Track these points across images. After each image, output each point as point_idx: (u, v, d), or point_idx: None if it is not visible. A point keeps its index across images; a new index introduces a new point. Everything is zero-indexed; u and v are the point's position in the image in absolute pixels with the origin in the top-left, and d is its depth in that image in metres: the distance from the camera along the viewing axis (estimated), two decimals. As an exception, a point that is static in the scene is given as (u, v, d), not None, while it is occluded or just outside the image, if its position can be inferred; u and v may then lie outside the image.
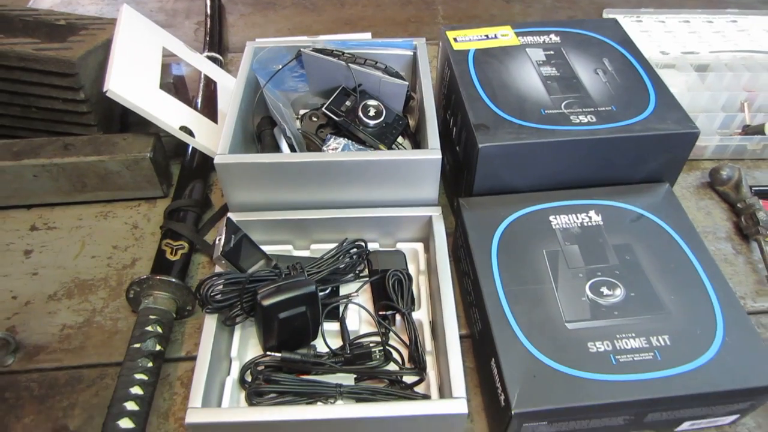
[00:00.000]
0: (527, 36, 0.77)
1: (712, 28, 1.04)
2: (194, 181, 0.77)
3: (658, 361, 0.53)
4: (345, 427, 0.53)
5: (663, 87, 0.69)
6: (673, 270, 0.60)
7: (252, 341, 0.63)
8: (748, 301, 0.70)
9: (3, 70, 0.68)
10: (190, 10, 1.18)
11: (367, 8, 1.19)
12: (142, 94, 0.71)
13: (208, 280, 0.56)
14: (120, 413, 0.53)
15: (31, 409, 0.60)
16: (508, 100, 0.67)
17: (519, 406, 0.50)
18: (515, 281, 0.59)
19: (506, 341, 0.54)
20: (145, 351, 0.58)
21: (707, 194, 0.82)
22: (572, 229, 0.63)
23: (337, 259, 0.63)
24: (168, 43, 0.83)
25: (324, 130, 0.72)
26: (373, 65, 0.71)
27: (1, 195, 0.75)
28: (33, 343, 0.65)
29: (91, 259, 0.73)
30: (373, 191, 0.66)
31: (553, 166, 0.66)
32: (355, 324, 0.63)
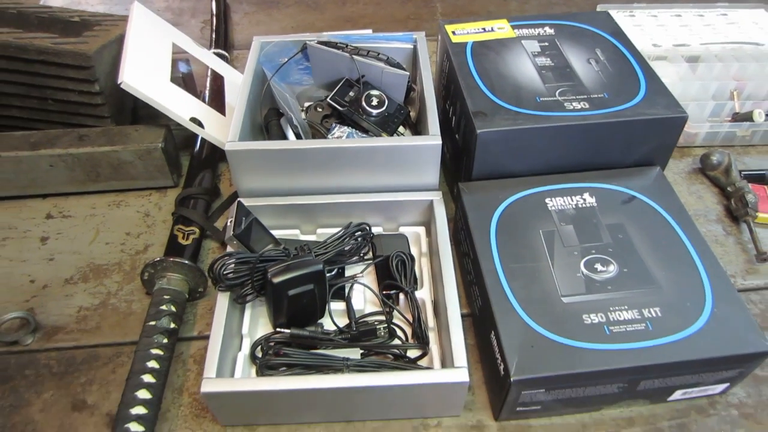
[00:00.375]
0: (523, 29, 0.80)
1: (703, 21, 1.07)
2: (204, 171, 0.80)
3: (650, 331, 0.55)
4: (352, 396, 0.55)
5: (653, 75, 0.72)
6: (663, 247, 0.63)
7: (262, 320, 0.65)
8: (738, 279, 0.73)
9: (22, 63, 0.72)
10: (196, 9, 1.22)
11: (368, 6, 1.22)
12: (154, 87, 0.74)
13: (220, 259, 0.59)
14: (138, 385, 0.56)
15: (50, 385, 0.63)
16: (505, 89, 0.70)
17: (518, 374, 0.53)
18: (513, 259, 0.62)
19: (505, 314, 0.57)
20: (160, 328, 0.61)
21: (698, 179, 0.85)
22: (567, 211, 0.66)
23: (343, 241, 0.66)
24: (177, 39, 0.86)
25: (328, 120, 0.75)
26: (375, 56, 0.74)
27: (18, 184, 0.78)
28: (51, 324, 0.68)
29: (105, 245, 0.76)
30: (377, 177, 0.69)
31: (548, 151, 0.68)
32: (360, 303, 0.66)
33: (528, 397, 0.55)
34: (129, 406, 0.54)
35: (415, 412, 0.59)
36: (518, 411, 0.58)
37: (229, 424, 0.59)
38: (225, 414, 0.57)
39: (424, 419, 0.60)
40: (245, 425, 0.59)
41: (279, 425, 0.59)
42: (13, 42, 0.69)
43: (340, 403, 0.56)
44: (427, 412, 0.59)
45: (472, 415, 0.60)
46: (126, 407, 0.54)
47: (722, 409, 0.61)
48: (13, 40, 0.70)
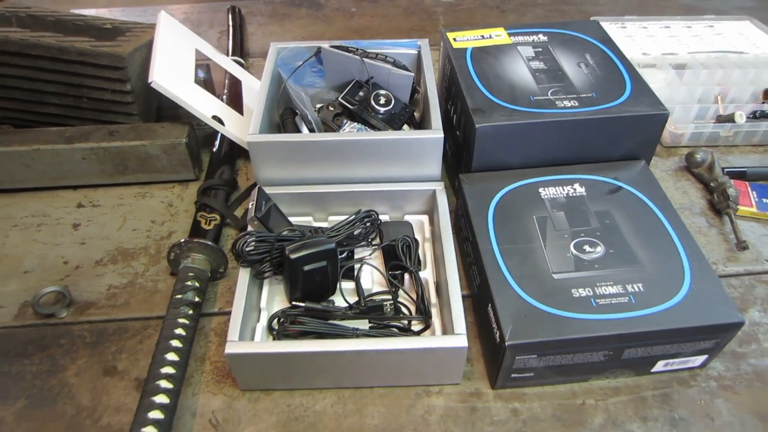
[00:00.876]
0: (518, 36, 0.87)
1: (691, 32, 1.14)
2: (223, 165, 0.87)
3: (633, 304, 0.61)
4: (360, 361, 0.61)
5: (638, 77, 0.79)
6: (647, 231, 0.68)
7: (278, 297, 0.71)
8: (720, 266, 0.78)
9: (63, 63, 0.78)
10: (213, 20, 1.30)
11: (375, 18, 1.30)
12: (180, 87, 0.80)
13: (242, 237, 0.65)
14: (167, 349, 0.62)
15: (84, 353, 0.68)
16: (502, 89, 0.77)
17: (512, 339, 0.58)
18: (509, 241, 0.67)
19: (501, 288, 0.63)
20: (186, 300, 0.67)
21: (684, 176, 0.91)
22: (559, 199, 0.72)
23: (353, 226, 0.72)
24: (200, 45, 0.93)
25: (339, 118, 0.81)
26: (383, 59, 0.80)
27: (52, 176, 0.84)
28: (84, 300, 0.74)
29: (132, 231, 0.82)
30: (384, 168, 0.75)
31: (541, 145, 0.75)
32: (368, 283, 0.72)
33: (522, 362, 0.61)
34: (159, 366, 0.60)
35: (418, 380, 0.64)
36: (513, 378, 0.63)
37: (247, 389, 0.64)
38: (245, 377, 0.63)
39: (426, 387, 0.65)
40: (262, 390, 0.64)
41: (293, 390, 0.64)
42: (55, 44, 0.76)
43: (350, 368, 0.62)
44: (430, 380, 0.65)
45: (470, 384, 0.65)
46: (157, 367, 0.60)
47: (702, 381, 0.66)
48: (56, 42, 0.77)
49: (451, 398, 0.64)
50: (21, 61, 0.79)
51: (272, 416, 0.62)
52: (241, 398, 0.64)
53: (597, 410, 0.63)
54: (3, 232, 0.82)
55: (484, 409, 0.63)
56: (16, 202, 0.86)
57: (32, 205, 0.86)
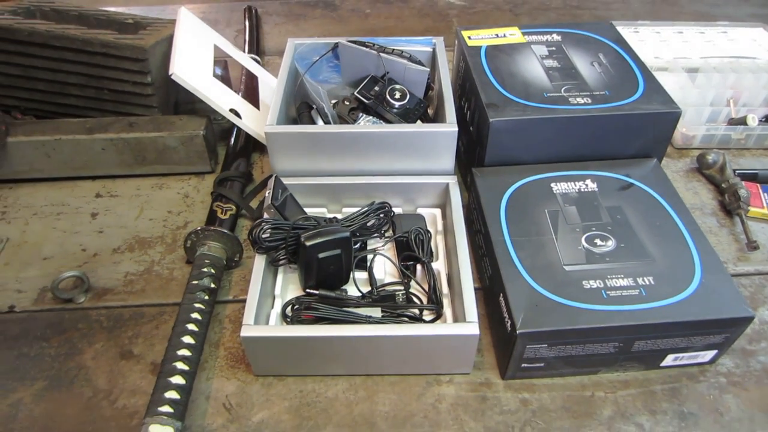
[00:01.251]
0: (532, 35, 0.88)
1: (704, 38, 1.14)
2: (239, 158, 0.88)
3: (643, 296, 0.62)
4: (373, 347, 0.62)
5: (651, 77, 0.80)
6: (658, 227, 0.69)
7: (292, 286, 0.72)
8: (730, 265, 0.78)
9: (86, 55, 0.80)
10: (230, 19, 1.32)
11: (389, 19, 1.31)
12: (199, 80, 0.82)
13: (258, 224, 0.66)
14: (183, 332, 0.63)
15: (101, 337, 0.70)
16: (515, 86, 0.78)
17: (523, 327, 0.59)
18: (521, 233, 0.68)
19: (512, 278, 0.63)
20: (202, 286, 0.68)
21: (695, 177, 0.91)
22: (571, 194, 0.73)
23: (367, 216, 0.73)
24: (218, 41, 0.95)
25: (355, 112, 0.82)
26: (399, 54, 0.82)
27: (73, 166, 0.86)
28: (101, 286, 0.75)
29: (149, 221, 0.84)
30: (398, 161, 0.76)
31: (553, 141, 0.76)
32: (381, 273, 0.73)
33: (532, 352, 0.61)
34: (176, 349, 0.61)
35: (429, 368, 0.65)
36: (523, 368, 0.64)
37: (261, 374, 0.65)
38: (258, 361, 0.64)
39: (437, 375, 0.66)
40: (275, 375, 0.65)
41: (306, 377, 0.65)
42: (80, 36, 0.78)
43: (362, 355, 0.63)
44: (440, 369, 0.65)
45: (481, 374, 0.66)
46: (173, 349, 0.61)
47: (711, 376, 0.66)
48: (80, 34, 0.78)
49: (462, 387, 0.65)
50: (45, 52, 0.81)
51: (285, 401, 0.63)
52: (255, 383, 0.65)
53: (606, 402, 0.64)
54: (24, 219, 0.84)
55: (493, 399, 0.64)
56: (36, 191, 0.88)
57: (52, 194, 0.88)
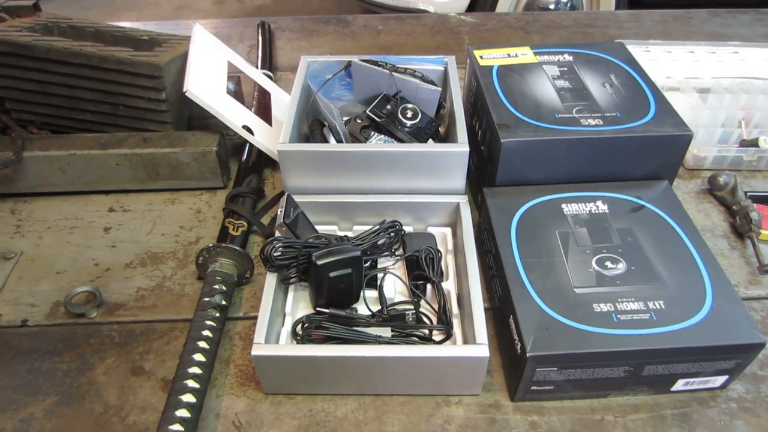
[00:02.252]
0: (544, 55, 0.89)
1: (715, 58, 1.14)
2: (251, 174, 0.89)
3: (654, 321, 0.61)
4: (382, 367, 0.62)
5: (662, 99, 0.80)
6: (669, 250, 0.69)
7: (302, 303, 0.72)
8: (741, 289, 0.78)
9: (102, 72, 0.81)
10: (243, 35, 1.33)
11: (401, 36, 1.32)
12: (213, 96, 0.83)
13: (270, 243, 0.67)
14: (194, 349, 0.63)
15: (112, 352, 0.70)
16: (527, 106, 0.78)
17: (533, 350, 0.59)
18: (531, 254, 0.68)
19: (523, 300, 0.64)
20: (213, 303, 0.68)
21: (706, 198, 0.91)
22: (581, 216, 0.73)
23: (378, 235, 0.74)
24: (231, 57, 0.96)
25: (366, 130, 0.83)
26: (411, 74, 0.83)
27: (86, 180, 0.87)
28: (113, 301, 0.76)
29: (161, 236, 0.84)
30: (409, 180, 0.76)
31: (564, 162, 0.76)
32: (391, 292, 0.73)
33: (542, 375, 0.61)
34: (187, 366, 0.61)
35: (438, 389, 0.65)
36: (533, 391, 0.64)
37: (271, 392, 0.66)
38: (268, 380, 0.64)
39: (446, 396, 0.66)
40: (285, 394, 0.66)
41: (315, 396, 0.65)
42: (96, 53, 0.80)
43: (371, 375, 0.63)
44: (449, 389, 0.65)
45: (490, 395, 0.66)
46: (184, 366, 0.61)
47: (722, 402, 0.66)
48: (97, 51, 0.80)
49: (471, 409, 0.65)
50: (62, 68, 0.82)
51: (294, 420, 0.63)
52: (264, 401, 0.65)
53: (616, 426, 0.63)
54: (37, 233, 0.85)
55: (502, 421, 0.64)
56: (50, 204, 0.89)
57: (66, 208, 0.89)
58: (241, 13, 3.32)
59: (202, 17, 3.30)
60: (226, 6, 3.41)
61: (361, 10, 2.76)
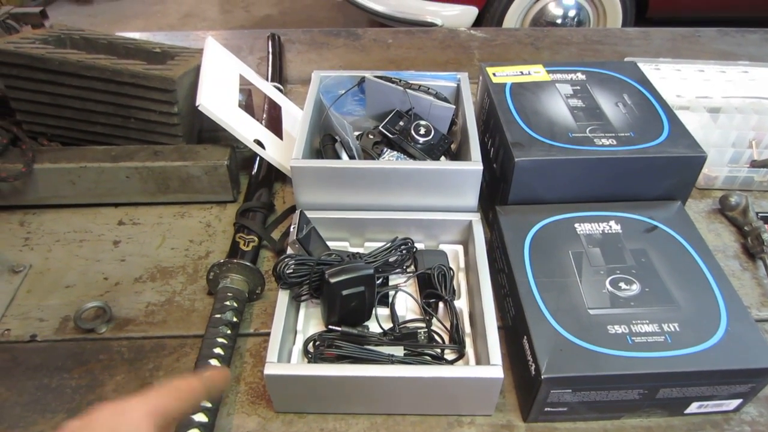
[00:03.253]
0: (557, 74, 0.89)
1: (725, 77, 1.15)
2: (261, 188, 0.89)
3: (669, 343, 0.61)
4: (395, 387, 0.61)
5: (676, 119, 0.80)
6: (683, 271, 0.69)
7: (314, 321, 0.72)
8: (754, 310, 0.78)
9: (115, 85, 0.81)
10: (253, 47, 1.34)
11: (411, 50, 1.33)
12: (225, 110, 0.83)
13: (283, 260, 0.66)
14: (205, 368, 0.63)
15: (122, 369, 0.70)
16: (540, 125, 0.78)
17: (548, 372, 0.58)
18: (544, 274, 0.68)
19: (537, 321, 0.63)
20: (224, 320, 0.68)
21: (717, 219, 0.91)
22: (595, 235, 0.73)
23: (390, 252, 0.73)
24: (243, 71, 0.96)
25: (379, 146, 0.83)
26: (425, 91, 0.83)
27: (96, 193, 0.87)
28: (123, 317, 0.75)
29: (171, 250, 0.84)
30: (422, 197, 0.76)
31: (578, 181, 0.76)
32: (402, 310, 0.73)
33: (556, 396, 0.61)
34: (198, 384, 0.61)
35: (451, 409, 0.65)
36: (546, 412, 0.63)
37: (282, 411, 0.65)
38: (280, 399, 0.63)
39: (458, 417, 0.65)
40: (296, 413, 0.65)
41: (327, 414, 0.65)
42: (110, 66, 0.80)
43: (384, 394, 0.62)
44: (462, 410, 0.65)
45: (502, 416, 0.65)
46: (196, 385, 0.61)
47: (736, 425, 0.65)
48: (111, 65, 0.80)
49: (483, 429, 0.64)
50: (75, 81, 0.82)
51: (305, 439, 0.63)
52: (275, 420, 0.64)
53: (630, 449, 0.63)
54: (46, 246, 0.84)
55: (515, 443, 0.63)
56: (60, 217, 0.89)
57: (75, 220, 0.88)
58: (248, 22, 3.33)
59: (208, 26, 3.31)
60: (233, 15, 3.43)
61: (369, 22, 2.77)
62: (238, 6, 3.53)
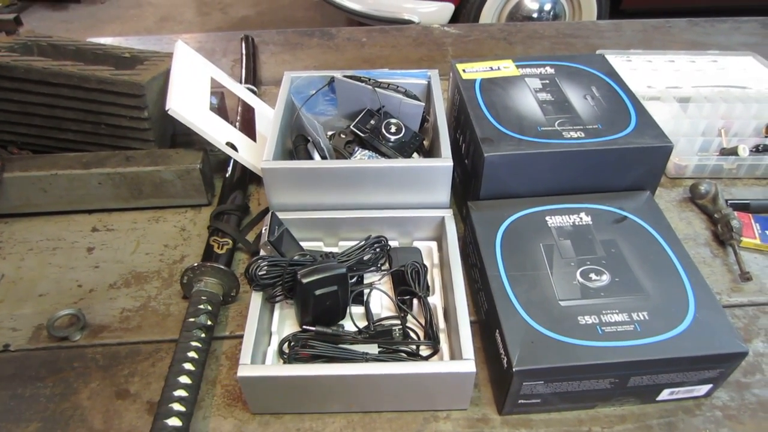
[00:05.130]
0: (526, 68, 0.89)
1: (695, 67, 1.16)
2: (235, 191, 0.89)
3: (638, 332, 0.62)
4: (370, 384, 0.62)
5: (643, 110, 0.81)
6: (652, 261, 0.70)
7: (289, 321, 0.72)
8: (724, 296, 0.79)
9: (82, 91, 0.81)
10: (227, 49, 1.33)
11: (385, 48, 1.33)
12: (196, 114, 0.83)
13: (255, 261, 0.66)
14: (180, 372, 0.63)
15: (96, 376, 0.69)
16: (510, 119, 0.79)
17: (520, 365, 0.59)
18: (516, 268, 0.69)
19: (508, 314, 0.64)
20: (198, 324, 0.68)
21: (688, 207, 0.92)
22: (565, 228, 0.74)
23: (363, 251, 0.74)
24: (214, 73, 0.96)
25: (351, 145, 0.83)
26: (395, 89, 0.83)
27: (68, 200, 0.86)
28: (97, 323, 0.75)
29: (146, 255, 0.84)
30: (394, 195, 0.77)
31: (548, 174, 0.76)
32: (377, 308, 0.73)
33: (529, 388, 0.61)
34: (172, 389, 0.61)
35: (426, 404, 0.65)
36: (520, 404, 0.64)
37: (258, 412, 0.65)
38: (256, 400, 0.64)
39: (434, 412, 0.66)
40: (273, 413, 0.65)
41: (303, 414, 0.65)
42: (77, 72, 0.79)
43: (359, 392, 0.63)
44: (437, 405, 0.65)
45: (478, 410, 0.66)
46: (170, 390, 0.61)
47: (707, 410, 0.67)
48: (77, 71, 0.79)
49: (459, 423, 0.65)
50: (42, 89, 0.82)
51: (282, 440, 0.63)
52: (252, 422, 0.65)
53: (603, 438, 0.64)
54: (19, 255, 0.84)
55: (491, 435, 0.64)
56: (32, 225, 0.88)
57: (48, 229, 0.88)
58: (225, 24, 3.32)
59: (185, 29, 3.29)
60: (210, 17, 3.41)
61: (346, 21, 2.77)
62: (215, 8, 3.52)
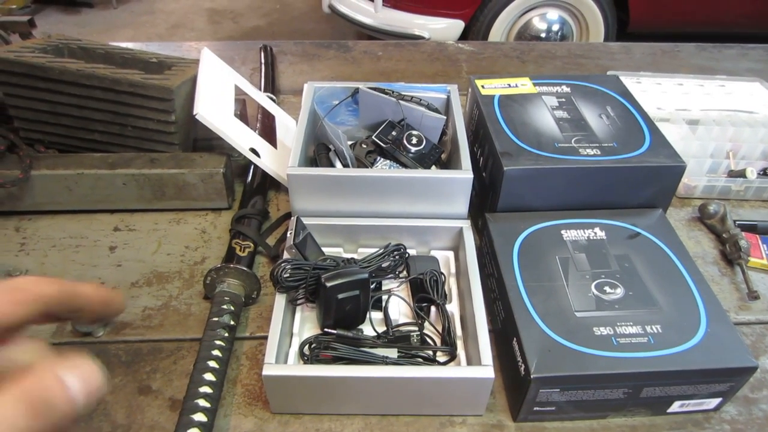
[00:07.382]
0: (543, 86, 0.92)
1: (703, 90, 1.19)
2: (256, 196, 0.90)
3: (652, 344, 0.64)
4: (389, 387, 0.63)
5: (656, 130, 0.83)
6: (664, 276, 0.72)
7: (309, 324, 0.74)
8: (732, 314, 0.81)
9: (113, 93, 0.83)
10: (246, 57, 1.36)
11: (400, 62, 1.36)
12: (222, 119, 0.85)
13: (280, 264, 0.68)
14: (204, 369, 0.64)
15: (119, 371, 0.71)
16: (528, 135, 0.81)
17: (537, 372, 0.61)
18: (533, 278, 0.71)
19: (526, 323, 0.66)
20: (222, 323, 0.70)
21: (697, 226, 0.94)
22: (580, 241, 0.76)
23: (383, 258, 0.76)
24: (238, 81, 0.98)
25: (372, 155, 0.85)
26: (417, 102, 0.85)
27: (92, 199, 0.88)
28: (119, 320, 0.76)
29: (167, 255, 0.85)
30: (414, 204, 0.79)
31: (564, 189, 0.79)
32: (395, 314, 0.75)
33: (545, 396, 0.63)
34: (198, 386, 0.62)
35: (443, 409, 0.67)
36: (535, 411, 0.65)
37: (278, 411, 0.67)
38: (277, 399, 0.65)
39: (450, 417, 0.67)
40: (292, 413, 0.67)
41: (322, 415, 0.67)
42: (109, 75, 0.81)
43: (378, 395, 0.64)
44: (454, 410, 0.67)
45: (493, 416, 0.68)
46: (195, 386, 0.62)
47: (716, 423, 0.68)
48: (110, 74, 0.81)
49: (474, 429, 0.66)
50: (74, 90, 0.84)
51: (301, 439, 0.64)
52: (272, 421, 0.66)
53: (615, 447, 0.65)
54: (42, 252, 0.85)
55: (506, 442, 0.65)
56: (56, 223, 0.90)
57: (71, 226, 0.89)
58: (236, 33, 3.36)
59: (197, 36, 3.33)
60: (221, 26, 3.45)
61: (356, 35, 2.81)
62: (226, 17, 3.56)
